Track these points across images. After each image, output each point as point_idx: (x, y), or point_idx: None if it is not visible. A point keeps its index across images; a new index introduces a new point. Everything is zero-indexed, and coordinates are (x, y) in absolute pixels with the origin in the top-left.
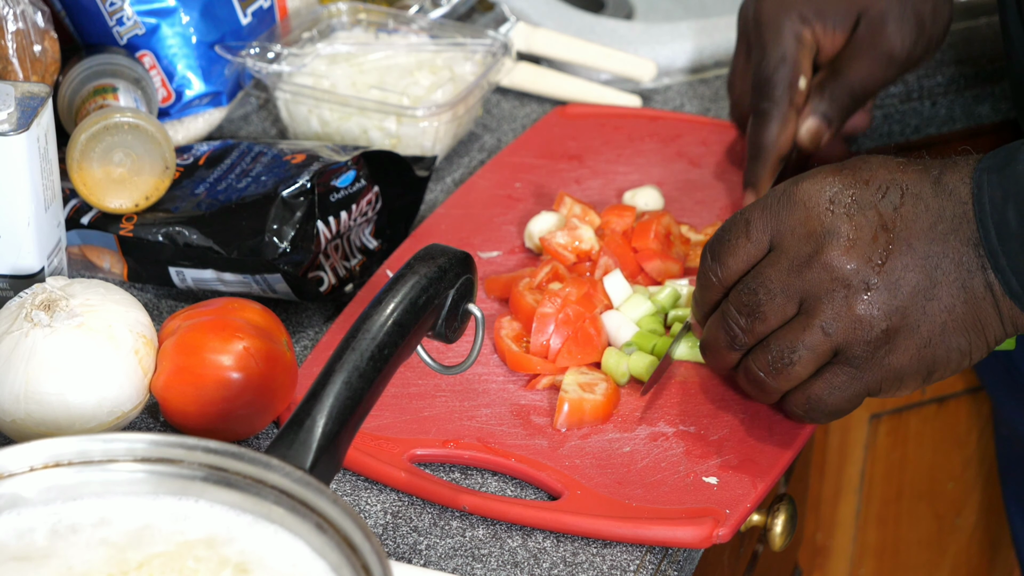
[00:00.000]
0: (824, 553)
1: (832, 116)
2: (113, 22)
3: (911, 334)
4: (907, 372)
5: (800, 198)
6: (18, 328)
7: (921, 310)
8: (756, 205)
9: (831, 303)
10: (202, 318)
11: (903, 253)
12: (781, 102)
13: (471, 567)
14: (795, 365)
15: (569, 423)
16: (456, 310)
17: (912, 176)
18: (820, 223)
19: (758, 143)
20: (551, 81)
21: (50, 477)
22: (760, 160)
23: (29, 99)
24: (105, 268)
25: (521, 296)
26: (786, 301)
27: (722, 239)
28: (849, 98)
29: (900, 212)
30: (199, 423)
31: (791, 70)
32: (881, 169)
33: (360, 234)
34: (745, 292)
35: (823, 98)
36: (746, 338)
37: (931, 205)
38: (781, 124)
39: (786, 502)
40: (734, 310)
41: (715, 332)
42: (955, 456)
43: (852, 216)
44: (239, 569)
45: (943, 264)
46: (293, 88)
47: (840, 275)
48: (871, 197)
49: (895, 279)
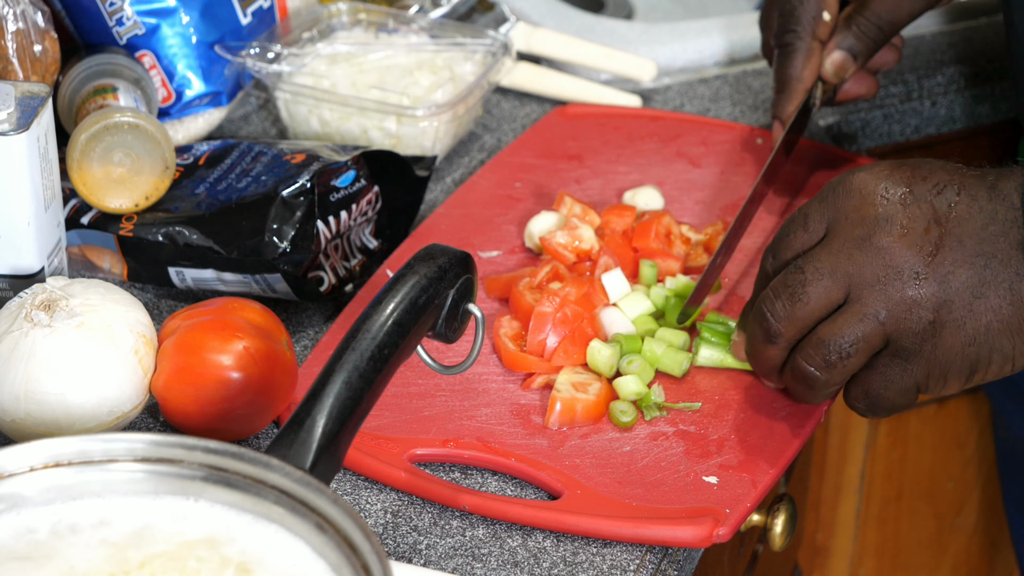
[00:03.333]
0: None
1: (858, 50)
2: (113, 22)
3: (957, 330)
4: (951, 368)
5: (856, 186)
6: (18, 328)
7: (968, 307)
8: (814, 199)
9: (881, 289)
10: (202, 318)
11: (953, 248)
12: (805, 34)
13: (471, 567)
14: (852, 359)
15: (561, 422)
16: (456, 310)
17: (969, 179)
18: (874, 209)
19: (783, 76)
20: (551, 81)
21: (50, 477)
22: (786, 92)
23: (29, 99)
24: (105, 268)
25: (521, 296)
26: (833, 284)
27: (782, 236)
28: (876, 31)
29: (954, 210)
30: (199, 423)
31: (816, 3)
32: (940, 169)
33: (360, 234)
34: (792, 271)
35: (849, 31)
36: (782, 326)
37: (985, 207)
38: (805, 56)
39: (786, 502)
40: (772, 294)
41: (752, 327)
42: (955, 456)
43: (907, 206)
44: (240, 569)
45: (992, 264)
46: (293, 88)
47: (891, 261)
48: (927, 192)
49: (944, 272)
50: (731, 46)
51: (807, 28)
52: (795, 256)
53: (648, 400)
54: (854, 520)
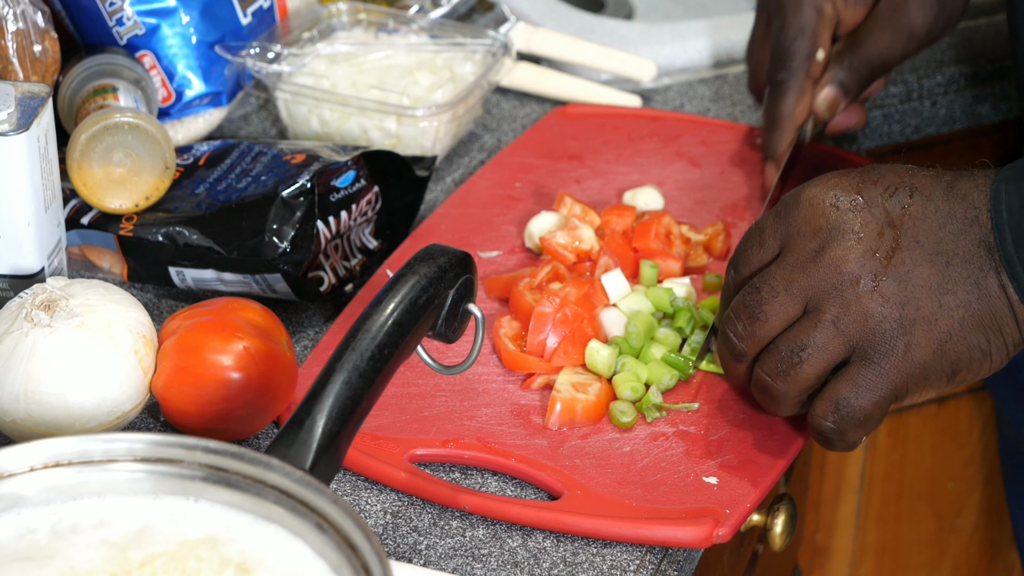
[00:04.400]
0: (824, 553)
1: (849, 86)
2: (113, 22)
3: (929, 327)
4: (931, 369)
5: (806, 198)
6: (18, 328)
7: (937, 303)
8: (770, 214)
9: (839, 297)
10: (202, 318)
11: (910, 248)
12: (798, 73)
13: (471, 567)
14: (803, 364)
15: (561, 422)
16: (456, 310)
17: (923, 180)
18: (825, 219)
19: (775, 114)
20: (551, 81)
21: (50, 477)
22: (778, 130)
23: (29, 99)
24: (105, 268)
25: (521, 296)
26: (789, 300)
27: (740, 251)
28: (867, 70)
29: (908, 211)
30: (199, 423)
31: (810, 42)
32: (891, 173)
33: (360, 234)
34: (748, 291)
35: (841, 67)
36: (744, 345)
37: (941, 207)
38: (798, 95)
39: (786, 502)
40: (733, 316)
41: (720, 345)
42: (955, 456)
43: (858, 212)
44: (240, 569)
45: (954, 262)
46: (293, 88)
47: (847, 268)
48: (878, 196)
49: (904, 271)
50: (731, 46)
51: (801, 67)
52: (752, 272)
53: (647, 402)
54: (854, 520)
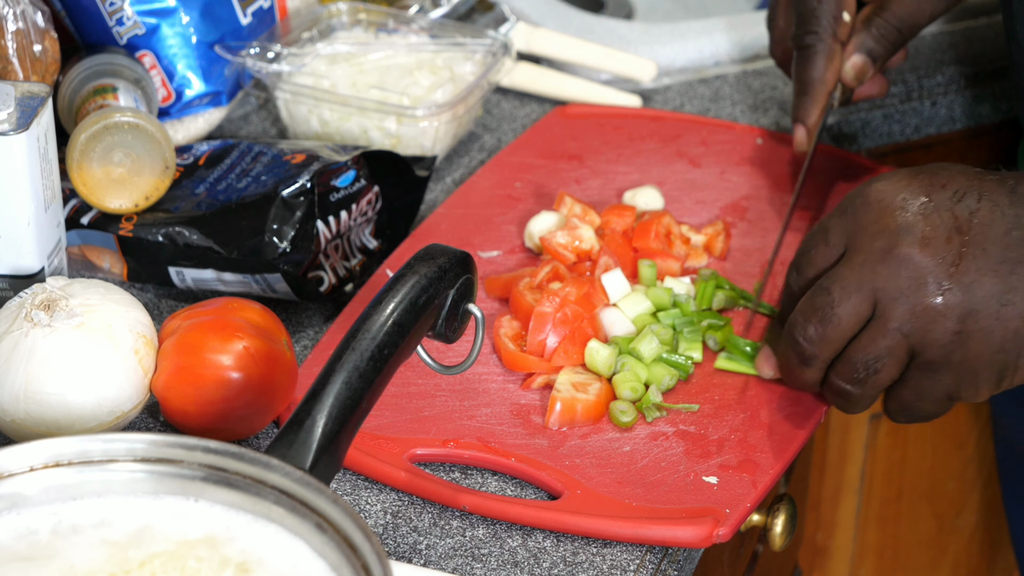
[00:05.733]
0: (824, 553)
1: (877, 52)
2: (113, 22)
3: (985, 339)
4: (982, 376)
5: (875, 197)
6: (18, 328)
7: (995, 315)
8: (833, 213)
9: (905, 302)
10: (202, 318)
11: (977, 257)
12: (826, 35)
13: (471, 567)
14: (880, 373)
15: (561, 422)
16: (456, 310)
17: (989, 184)
18: (894, 220)
19: (805, 78)
20: (551, 81)
21: (50, 477)
22: (809, 95)
23: (29, 99)
24: (105, 268)
25: (521, 296)
26: (860, 301)
27: (804, 251)
28: (896, 34)
29: (976, 216)
30: (199, 423)
31: (836, 3)
32: (959, 175)
33: (360, 234)
34: (819, 293)
35: (869, 34)
36: (816, 349)
37: (1007, 212)
38: (827, 58)
39: (786, 502)
40: (802, 319)
41: (786, 353)
42: (955, 456)
43: (927, 215)
44: (240, 569)
45: (1018, 270)
46: (293, 88)
47: (914, 271)
48: (947, 200)
49: (969, 281)
50: (731, 46)
51: (827, 29)
52: (818, 273)
53: (647, 401)
54: (854, 520)
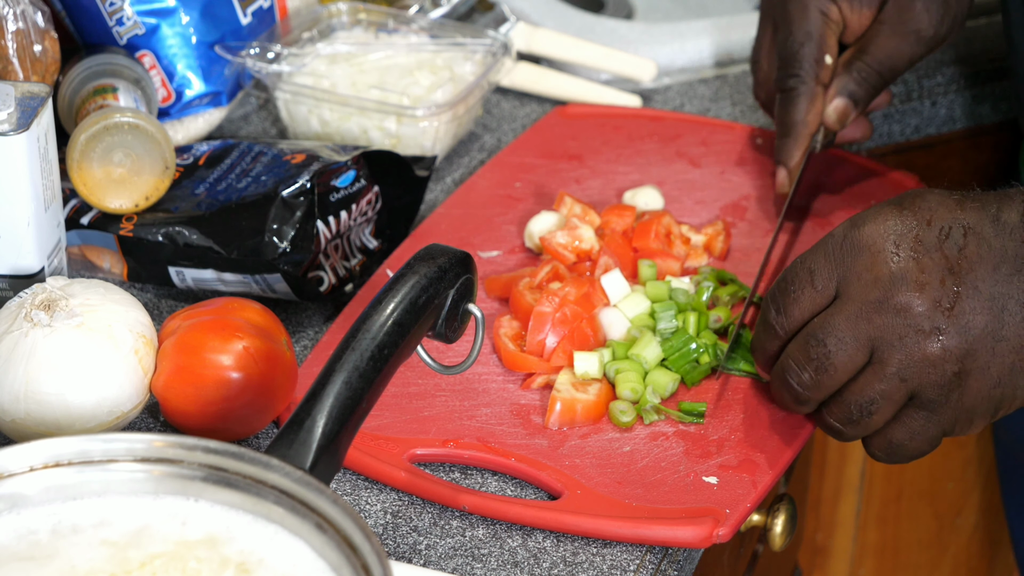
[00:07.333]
0: (824, 553)
1: (859, 96)
2: (113, 22)
3: (982, 376)
4: (977, 412)
5: (864, 242)
6: (18, 328)
7: (990, 352)
8: (818, 252)
9: (902, 347)
10: (202, 318)
11: (970, 296)
12: (808, 78)
13: (471, 567)
14: (874, 416)
15: (561, 422)
16: (456, 310)
17: (972, 215)
18: (887, 267)
19: (788, 120)
20: (551, 81)
21: (50, 477)
22: (791, 137)
23: (29, 99)
24: (105, 268)
25: (521, 296)
26: (856, 350)
27: (785, 289)
28: (877, 77)
29: (964, 254)
30: (199, 423)
31: (817, 47)
32: (941, 208)
33: (360, 234)
34: (813, 343)
35: (850, 77)
36: (811, 394)
37: (993, 245)
38: (810, 101)
39: (786, 502)
40: (796, 366)
41: (780, 390)
42: (955, 456)
43: (919, 259)
44: (240, 569)
45: (1009, 305)
46: (293, 88)
47: (912, 319)
48: (935, 239)
49: (964, 323)
50: (731, 46)
51: (810, 72)
52: (805, 316)
53: (645, 403)
54: (854, 520)
